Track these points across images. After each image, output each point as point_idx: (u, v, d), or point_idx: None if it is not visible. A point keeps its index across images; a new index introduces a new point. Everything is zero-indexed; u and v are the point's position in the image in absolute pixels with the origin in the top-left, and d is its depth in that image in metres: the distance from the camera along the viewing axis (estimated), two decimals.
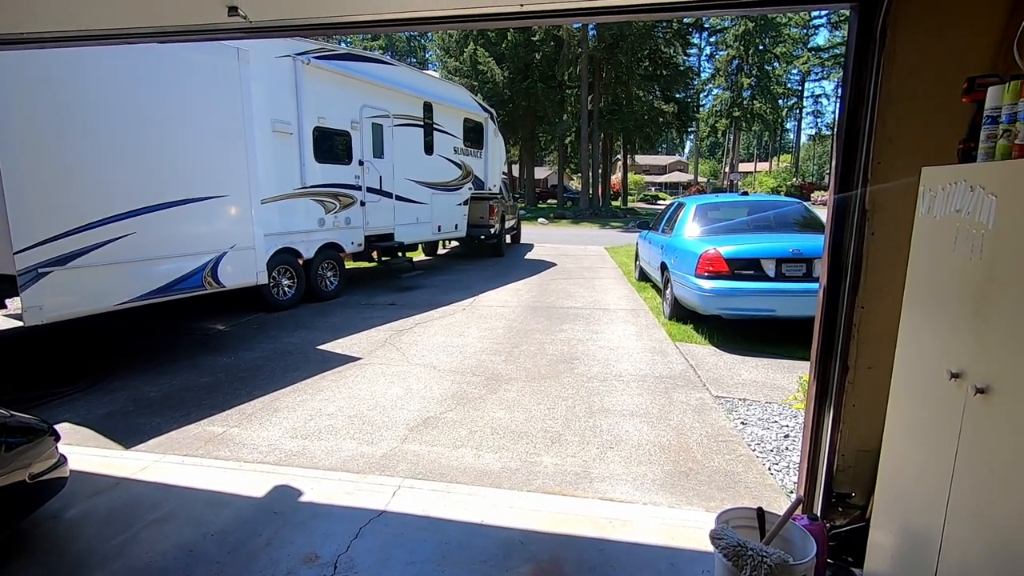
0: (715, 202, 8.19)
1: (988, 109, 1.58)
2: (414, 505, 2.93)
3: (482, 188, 13.27)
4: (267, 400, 4.47)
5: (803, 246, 5.93)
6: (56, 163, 4.46)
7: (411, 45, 52.69)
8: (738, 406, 4.35)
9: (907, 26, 2.10)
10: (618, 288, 9.60)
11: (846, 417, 2.41)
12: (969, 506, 1.53)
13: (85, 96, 4.67)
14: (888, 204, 2.22)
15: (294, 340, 6.23)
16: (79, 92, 4.61)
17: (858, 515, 2.44)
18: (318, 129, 7.97)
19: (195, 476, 3.23)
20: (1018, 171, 1.42)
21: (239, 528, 2.71)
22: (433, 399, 4.49)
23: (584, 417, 4.13)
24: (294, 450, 3.63)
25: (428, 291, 9.26)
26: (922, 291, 1.85)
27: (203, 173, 5.72)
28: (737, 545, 1.88)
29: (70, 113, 4.56)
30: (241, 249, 6.15)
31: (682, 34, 33.57)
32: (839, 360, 2.40)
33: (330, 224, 8.35)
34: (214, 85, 5.79)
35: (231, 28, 2.61)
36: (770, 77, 44.77)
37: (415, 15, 2.45)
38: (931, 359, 1.75)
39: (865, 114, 2.24)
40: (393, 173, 9.68)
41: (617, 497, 3.06)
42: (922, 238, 1.86)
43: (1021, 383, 1.35)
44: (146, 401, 4.44)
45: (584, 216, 30.25)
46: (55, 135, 4.46)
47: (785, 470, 3.38)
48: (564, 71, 31.44)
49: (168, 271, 5.42)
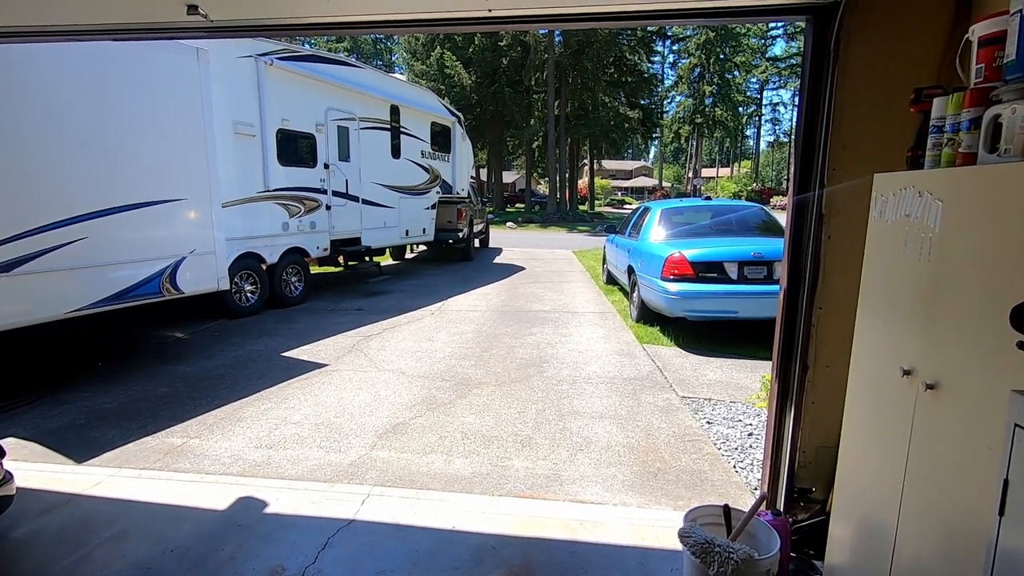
0: (679, 207, 8.36)
1: (934, 119, 1.67)
2: (384, 513, 2.88)
3: (450, 192, 13.23)
4: (229, 409, 4.34)
5: (764, 249, 6.11)
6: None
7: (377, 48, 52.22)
8: (704, 406, 4.44)
9: (858, 39, 2.20)
10: (586, 291, 9.69)
11: (806, 415, 2.49)
12: (921, 498, 1.60)
13: (32, 95, 4.45)
14: (843, 208, 2.31)
15: (258, 347, 6.07)
16: (25, 91, 4.40)
17: (819, 509, 2.52)
18: (282, 131, 7.81)
19: (153, 490, 3.11)
20: (961, 178, 1.50)
21: (201, 543, 2.62)
22: (402, 405, 4.44)
23: (554, 420, 4.15)
24: (258, 460, 3.53)
25: (396, 296, 9.17)
26: (875, 292, 1.93)
27: (160, 175, 5.53)
28: (705, 542, 1.91)
29: (15, 112, 4.34)
30: (201, 254, 5.96)
31: (646, 42, 34.24)
32: (799, 359, 2.48)
33: (295, 228, 8.18)
34: (172, 85, 5.60)
35: (190, 27, 2.54)
36: (730, 85, 46.07)
37: (380, 18, 2.43)
38: (884, 357, 1.82)
39: (821, 122, 2.33)
40: (359, 176, 9.56)
41: (587, 499, 3.08)
42: (875, 241, 1.94)
43: (966, 379, 1.42)
44: (100, 413, 4.25)
45: (552, 220, 30.48)
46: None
47: (750, 467, 3.47)
48: (531, 76, 31.66)
49: (123, 277, 5.20)
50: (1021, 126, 1.33)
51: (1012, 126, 1.35)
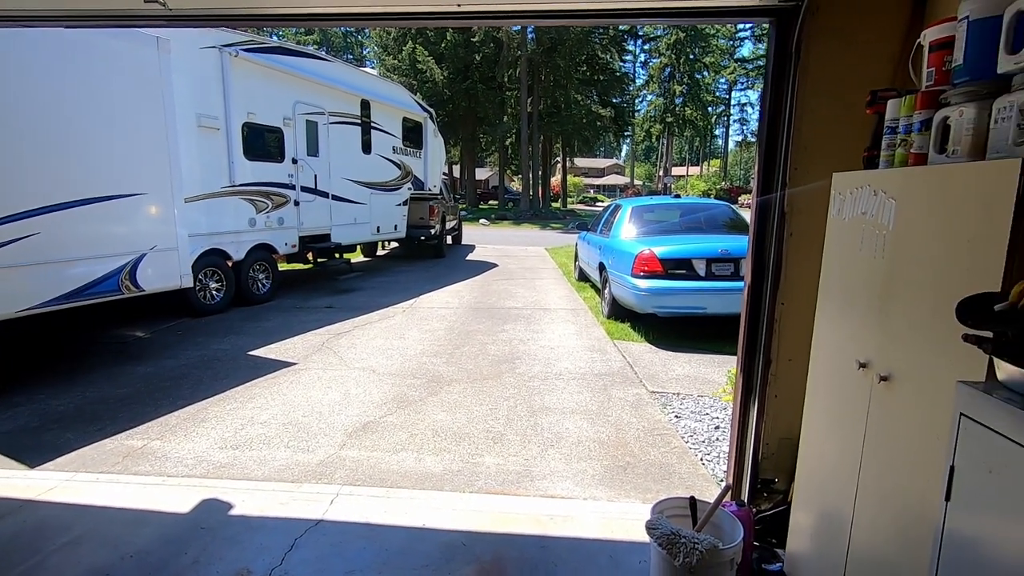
0: (650, 204, 8.47)
1: (888, 120, 1.73)
2: (353, 512, 2.85)
3: (422, 188, 13.12)
4: (193, 410, 4.22)
5: (731, 246, 6.24)
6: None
7: (347, 41, 51.33)
8: (672, 400, 4.52)
9: (818, 42, 2.26)
10: (558, 288, 9.75)
11: (769, 407, 2.56)
12: (875, 485, 1.66)
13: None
14: (804, 207, 2.37)
15: (223, 346, 5.93)
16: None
17: (781, 499, 2.59)
18: (248, 125, 7.62)
19: (112, 494, 3.00)
20: (913, 177, 1.56)
21: (162, 547, 2.55)
22: (372, 403, 4.39)
23: (526, 416, 4.16)
24: (223, 461, 3.45)
25: (367, 293, 9.06)
26: (834, 288, 1.99)
27: (119, 169, 5.33)
28: (671, 534, 1.95)
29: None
30: (162, 250, 5.78)
31: (618, 41, 34.55)
32: (763, 354, 2.55)
33: (262, 224, 8.00)
34: (131, 75, 5.40)
35: (148, 15, 2.46)
36: (700, 85, 46.84)
37: (347, 10, 2.39)
38: (842, 351, 1.89)
39: (783, 123, 2.38)
40: (329, 172, 9.40)
41: (558, 494, 3.11)
42: (833, 238, 2.00)
43: (917, 371, 1.48)
44: (54, 415, 4.08)
45: (525, 217, 30.53)
46: None
47: (716, 460, 3.54)
48: (504, 73, 31.60)
49: (79, 274, 5.01)
50: (968, 128, 1.39)
51: (959, 128, 1.41)
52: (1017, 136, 1.23)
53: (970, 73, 1.40)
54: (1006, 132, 1.26)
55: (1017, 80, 1.27)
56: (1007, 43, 1.28)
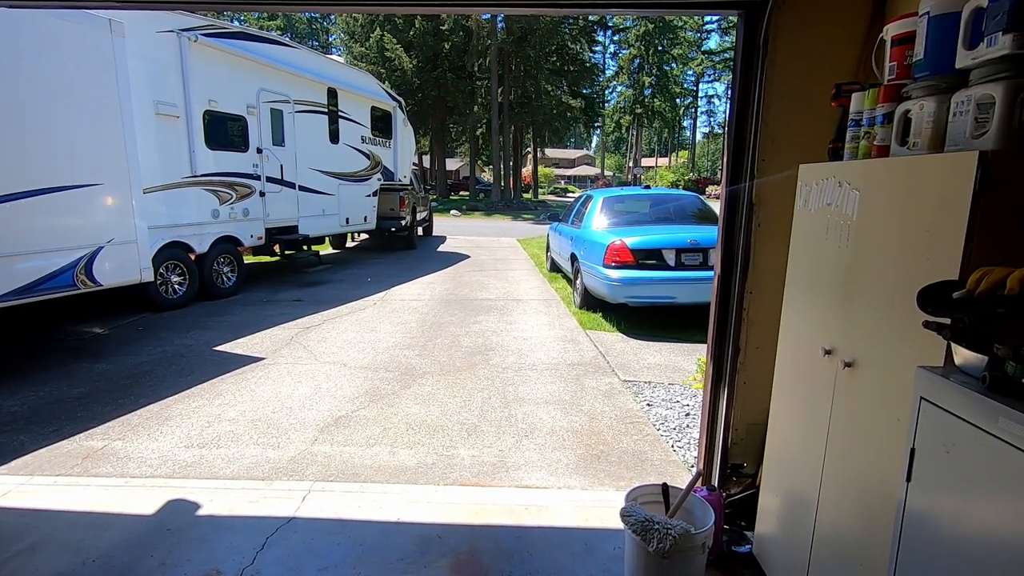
0: (620, 195, 8.54)
1: (852, 113, 1.77)
2: (326, 509, 2.81)
3: (392, 179, 12.94)
4: (156, 408, 4.09)
5: (700, 236, 6.34)
6: None
7: (313, 28, 50.03)
8: (644, 389, 4.58)
9: (785, 35, 2.29)
10: (530, 279, 9.77)
11: (738, 394, 2.62)
12: (840, 468, 1.71)
13: None
14: (772, 197, 2.42)
15: (187, 342, 5.75)
16: None
17: (749, 483, 2.66)
18: (209, 113, 7.37)
19: (71, 497, 2.89)
20: (876, 169, 1.60)
21: (126, 550, 2.47)
22: (344, 397, 4.33)
23: (500, 407, 4.17)
24: (189, 460, 3.36)
25: (336, 286, 8.91)
26: (800, 277, 2.04)
27: (71, 158, 5.09)
28: (644, 520, 1.98)
29: None
30: (120, 243, 5.56)
31: (588, 31, 34.54)
32: (732, 342, 2.60)
33: (226, 216, 7.77)
34: (82, 60, 5.15)
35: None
36: (668, 77, 47.37)
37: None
38: (808, 338, 1.94)
39: (751, 115, 2.42)
40: (296, 162, 9.18)
41: (533, 484, 3.12)
42: (800, 228, 2.04)
43: (879, 357, 1.53)
44: (6, 417, 3.90)
45: (496, 208, 30.45)
46: None
47: (687, 446, 3.62)
48: (474, 62, 31.29)
49: (30, 269, 4.78)
50: (928, 121, 1.43)
51: (920, 121, 1.45)
52: (974, 129, 1.27)
53: (930, 67, 1.45)
54: (964, 125, 1.30)
55: (974, 75, 1.32)
56: (965, 39, 1.32)
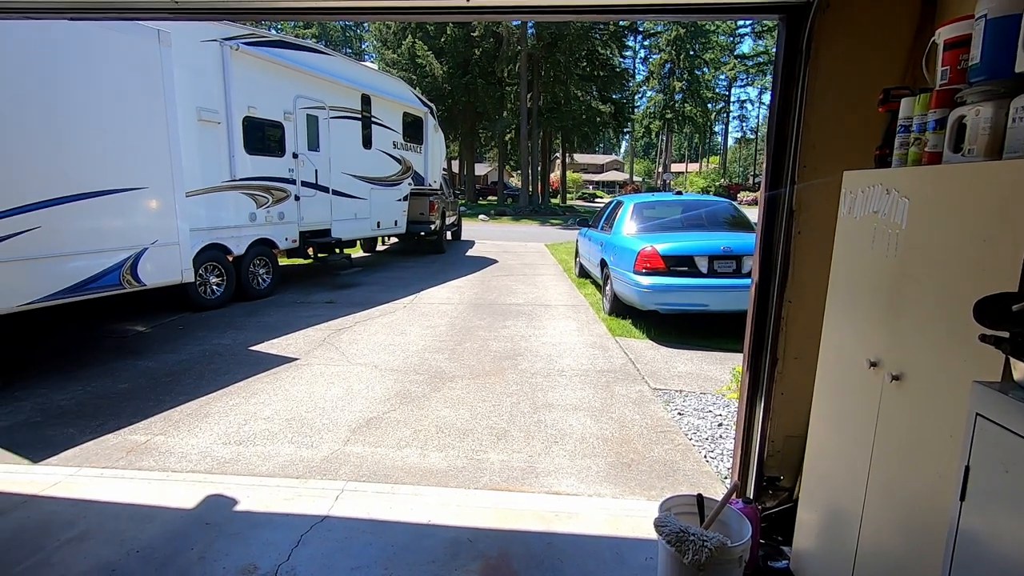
0: (651, 201, 8.47)
1: (901, 119, 1.72)
2: (358, 509, 2.85)
3: (422, 184, 13.09)
4: (195, 405, 4.22)
5: (733, 243, 6.24)
6: None
7: (346, 35, 51.13)
8: (675, 397, 4.52)
9: (829, 39, 2.25)
10: (559, 284, 9.74)
11: (775, 405, 2.56)
12: (885, 484, 1.66)
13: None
14: (813, 205, 2.37)
15: (224, 341, 5.92)
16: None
17: (786, 496, 2.60)
18: (248, 119, 7.59)
19: (116, 489, 3.00)
20: (927, 176, 1.55)
21: (168, 543, 2.55)
22: (375, 399, 4.39)
23: (529, 413, 4.17)
24: (227, 457, 3.45)
25: (367, 288, 9.04)
26: (843, 286, 1.99)
27: (120, 163, 5.31)
28: (680, 531, 1.95)
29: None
30: (164, 245, 5.76)
31: (618, 36, 34.41)
32: (769, 352, 2.55)
33: (262, 219, 7.97)
34: (132, 69, 5.37)
35: (156, 8, 2.44)
36: (700, 82, 46.75)
37: (357, 4, 2.38)
38: (851, 349, 1.89)
39: (792, 120, 2.38)
40: (329, 167, 9.37)
41: (563, 490, 3.11)
42: (843, 237, 1.99)
43: (929, 370, 1.48)
44: (56, 410, 4.08)
45: (524, 213, 30.51)
46: None
47: (720, 457, 3.55)
48: (504, 68, 31.50)
49: (80, 269, 4.99)
50: (984, 128, 1.38)
51: (975, 127, 1.41)
52: None
53: (987, 72, 1.40)
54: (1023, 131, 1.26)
55: None
56: None
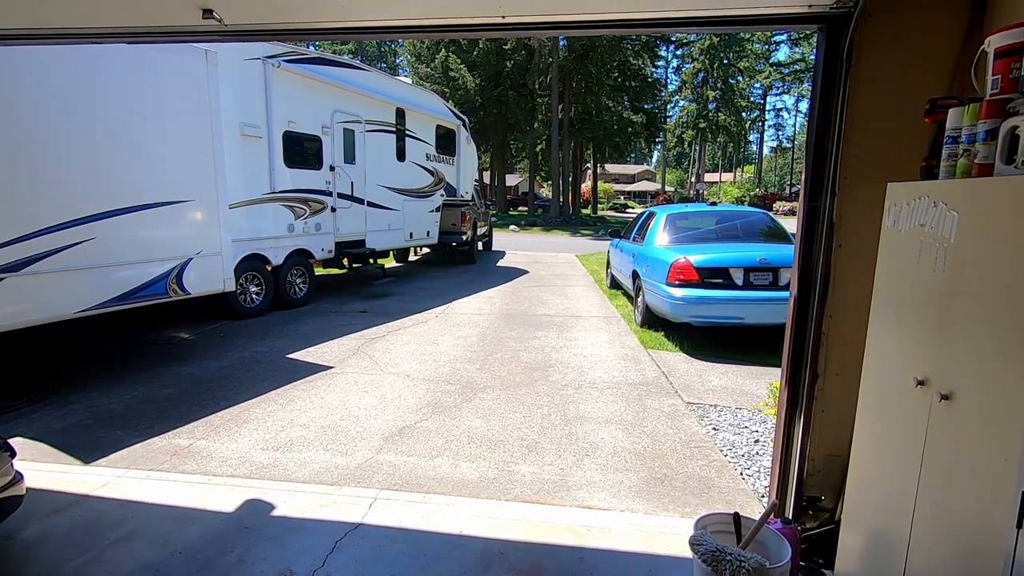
0: (685, 211, 8.37)
1: (949, 129, 1.67)
2: (391, 517, 2.88)
3: (454, 195, 13.25)
4: (235, 411, 4.34)
5: (769, 255, 6.11)
6: (8, 165, 4.26)
7: (381, 50, 52.36)
8: (709, 412, 4.43)
9: (871, 49, 2.20)
10: (590, 296, 9.70)
11: (816, 423, 2.49)
12: (933, 508, 1.59)
13: (40, 96, 4.48)
14: (855, 217, 2.31)
15: (262, 349, 6.08)
16: (33, 92, 4.42)
17: (828, 518, 2.52)
18: (288, 133, 7.84)
19: (161, 491, 3.11)
20: (978, 189, 1.50)
21: (209, 545, 2.62)
22: (408, 408, 4.44)
23: (560, 425, 4.15)
24: (265, 462, 3.54)
25: (400, 298, 9.18)
26: (888, 301, 1.93)
27: (168, 177, 5.55)
28: (716, 550, 1.91)
29: (23, 113, 4.37)
30: (207, 255, 5.98)
31: (650, 47, 34.32)
32: (809, 367, 2.48)
33: (300, 230, 8.20)
34: (180, 87, 5.63)
35: (205, 31, 2.56)
36: (734, 90, 46.15)
37: (395, 24, 2.45)
38: (897, 367, 1.82)
39: (833, 131, 2.33)
40: (365, 179, 9.58)
41: (595, 504, 3.08)
42: (888, 250, 1.94)
43: (982, 390, 1.42)
44: (106, 413, 4.26)
45: (555, 223, 30.52)
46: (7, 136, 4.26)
47: (756, 474, 3.46)
48: (535, 80, 31.74)
49: (130, 278, 5.22)
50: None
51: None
52: None
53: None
54: None
55: None
56: None
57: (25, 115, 4.37)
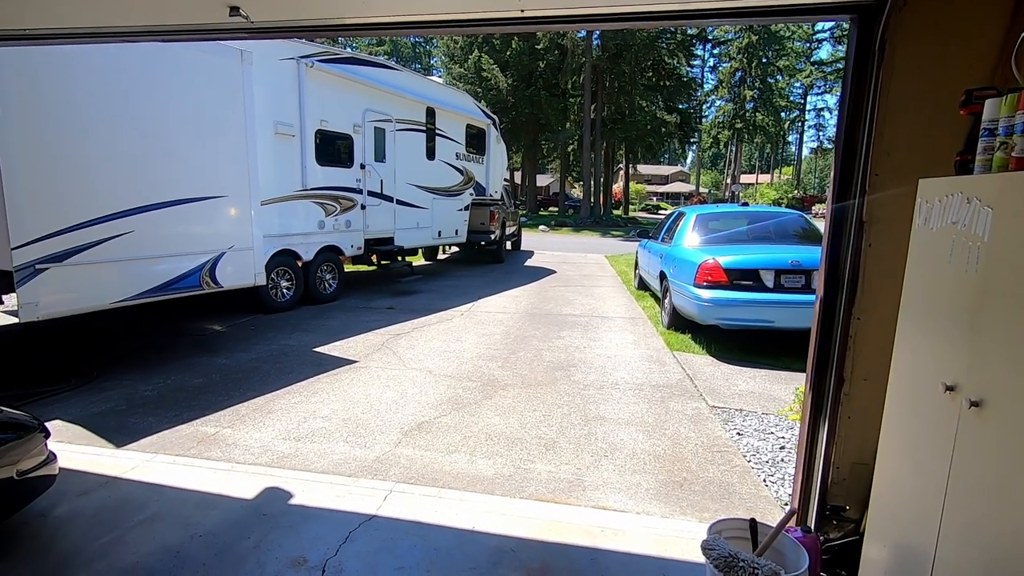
0: (715, 212, 8.19)
1: (985, 122, 1.58)
2: (405, 510, 2.90)
3: (483, 194, 13.29)
4: (261, 401, 4.45)
5: (802, 257, 5.92)
6: (54, 160, 4.47)
7: (416, 51, 53.00)
8: (734, 416, 4.32)
9: (905, 40, 2.10)
10: (617, 296, 9.59)
11: (841, 429, 2.40)
12: (962, 519, 1.51)
13: (84, 94, 4.67)
14: (885, 216, 2.21)
15: (290, 342, 6.22)
16: (78, 90, 4.62)
17: (852, 528, 2.42)
18: (320, 132, 7.99)
19: (185, 476, 3.21)
20: (1015, 183, 1.41)
21: (227, 530, 2.69)
22: (428, 404, 4.47)
23: (579, 424, 4.11)
24: (286, 452, 3.60)
25: (427, 296, 9.25)
26: (917, 303, 1.84)
27: (203, 173, 5.73)
28: (729, 556, 1.86)
29: (68, 111, 4.56)
30: (240, 250, 6.14)
31: (686, 45, 33.77)
32: (835, 372, 2.39)
33: (330, 227, 8.35)
34: (216, 86, 5.80)
35: (233, 28, 2.62)
36: (773, 90, 44.99)
37: (415, 19, 2.46)
38: (926, 371, 1.73)
39: (863, 126, 2.24)
40: (394, 177, 9.70)
41: (610, 506, 3.03)
42: (918, 250, 1.85)
43: (1015, 397, 1.34)
44: (139, 400, 4.41)
45: (585, 224, 30.33)
46: (53, 132, 4.46)
47: (780, 482, 3.35)
48: (568, 80, 31.60)
49: (165, 270, 5.41)
50: None
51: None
52: None
53: None
54: None
55: None
56: None
57: (71, 113, 4.57)
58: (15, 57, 4.10)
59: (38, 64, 4.30)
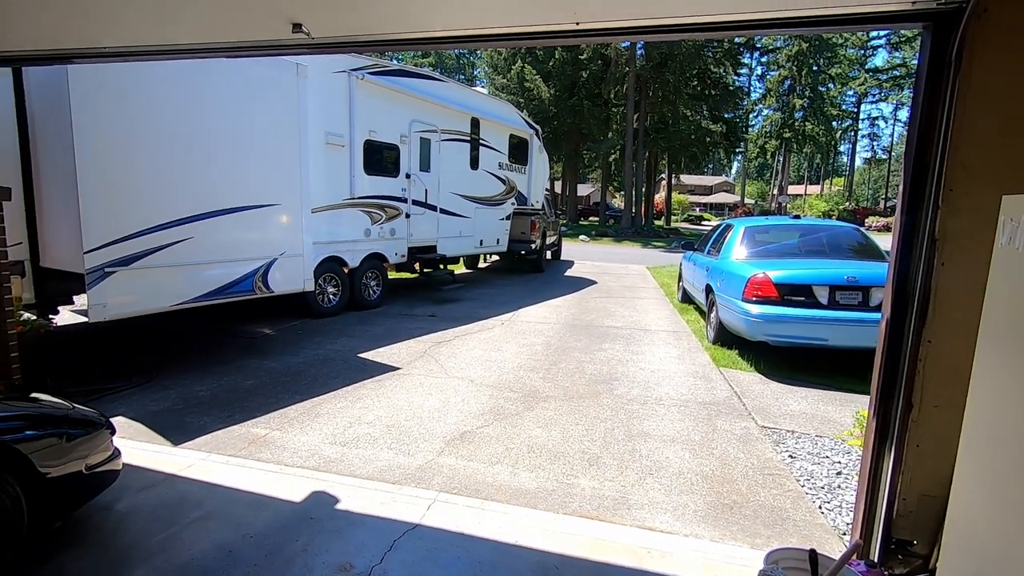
0: (765, 224, 7.95)
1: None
2: (448, 520, 2.90)
3: (525, 204, 13.33)
4: (308, 405, 4.55)
5: (859, 273, 5.67)
6: (124, 169, 4.72)
7: (460, 62, 53.90)
8: (786, 438, 4.16)
9: (984, 48, 1.99)
10: (660, 309, 9.42)
11: (908, 458, 2.26)
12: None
13: (152, 106, 4.92)
14: (960, 233, 2.09)
15: (336, 347, 6.35)
16: (147, 103, 4.87)
17: (920, 564, 2.27)
18: (368, 142, 8.19)
19: (237, 476, 3.30)
20: None
21: (277, 532, 2.75)
22: (470, 413, 4.48)
23: (623, 440, 4.03)
24: (332, 456, 3.67)
25: (468, 304, 9.31)
26: (1001, 326, 1.72)
27: (259, 181, 5.95)
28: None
29: (138, 122, 4.82)
30: (291, 256, 6.34)
31: (733, 54, 33.14)
32: (902, 397, 2.26)
33: (376, 235, 8.52)
34: (273, 98, 6.03)
35: (294, 44, 2.72)
36: (824, 98, 43.56)
37: (472, 33, 2.49)
38: (1011, 401, 1.62)
39: (936, 138, 2.13)
40: (439, 187, 9.84)
41: (656, 526, 2.95)
42: (1002, 270, 1.73)
43: None
44: (195, 400, 4.59)
45: (626, 235, 30.01)
46: (124, 143, 4.72)
47: (837, 509, 3.20)
48: (611, 89, 31.46)
49: (222, 275, 5.63)
50: None
51: None
52: None
53: None
54: None
55: None
56: None
57: (139, 124, 4.83)
58: (92, 73, 4.37)
59: (112, 79, 4.57)
